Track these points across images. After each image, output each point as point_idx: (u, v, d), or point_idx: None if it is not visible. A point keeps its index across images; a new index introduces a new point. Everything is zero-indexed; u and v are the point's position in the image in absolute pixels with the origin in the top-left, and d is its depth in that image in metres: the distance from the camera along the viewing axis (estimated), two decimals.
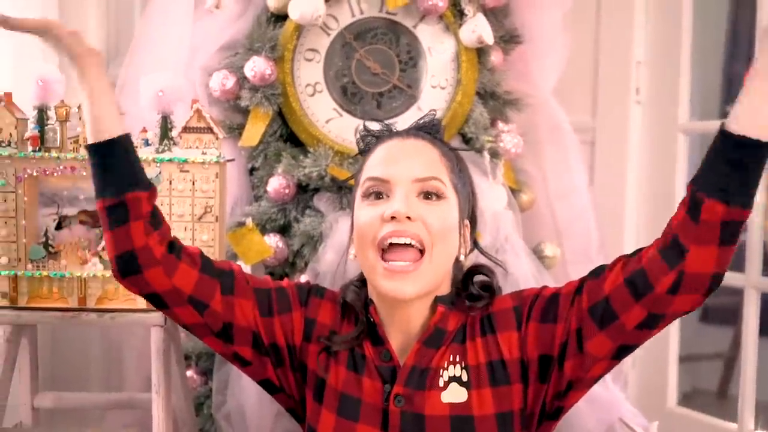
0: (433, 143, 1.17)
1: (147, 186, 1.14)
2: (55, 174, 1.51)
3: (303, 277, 1.80)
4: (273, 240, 1.84)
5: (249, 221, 1.78)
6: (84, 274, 1.53)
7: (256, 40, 1.87)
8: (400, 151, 1.15)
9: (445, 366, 1.12)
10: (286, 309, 1.18)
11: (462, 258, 1.17)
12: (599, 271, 1.08)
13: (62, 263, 1.53)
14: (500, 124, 1.98)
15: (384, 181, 1.12)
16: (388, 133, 1.21)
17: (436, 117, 1.24)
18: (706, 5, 2.85)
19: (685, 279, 1.00)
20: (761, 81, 0.97)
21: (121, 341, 1.99)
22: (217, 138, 1.54)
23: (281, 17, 1.89)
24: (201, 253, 1.18)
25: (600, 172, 2.30)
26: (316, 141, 1.88)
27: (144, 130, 1.56)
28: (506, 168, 1.96)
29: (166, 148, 1.52)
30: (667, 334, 2.25)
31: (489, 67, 1.96)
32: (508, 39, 2.02)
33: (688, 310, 1.03)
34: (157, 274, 1.13)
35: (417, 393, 1.11)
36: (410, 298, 1.10)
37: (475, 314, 1.15)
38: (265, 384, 1.22)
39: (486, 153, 1.90)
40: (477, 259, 1.28)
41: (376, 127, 1.24)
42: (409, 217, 1.08)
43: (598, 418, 1.87)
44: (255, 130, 1.88)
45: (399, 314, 1.14)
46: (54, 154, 1.51)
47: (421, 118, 1.24)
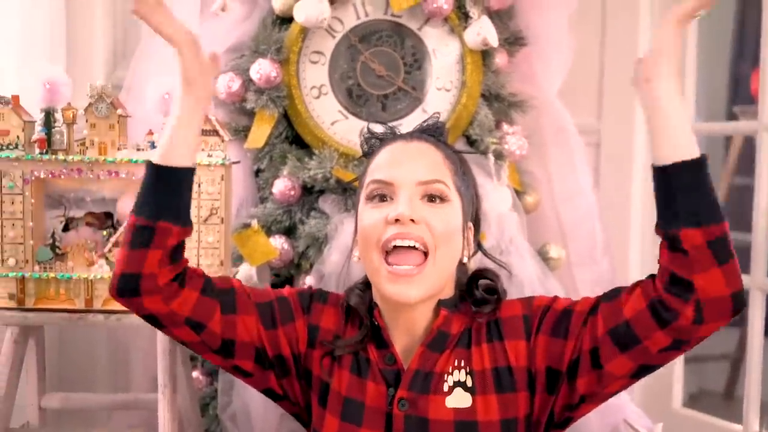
0: (436, 146, 1.17)
1: (184, 222, 1.13)
2: (62, 176, 1.53)
3: (308, 279, 1.81)
4: (278, 241, 1.85)
5: (254, 223, 1.79)
6: (91, 275, 1.54)
7: (261, 43, 1.88)
8: (404, 153, 1.15)
9: (450, 371, 1.11)
10: (288, 319, 1.17)
11: (465, 260, 1.17)
12: (615, 294, 1.07)
13: (69, 265, 1.55)
14: (505, 126, 1.97)
15: (388, 184, 1.12)
16: (391, 136, 1.21)
17: (439, 119, 1.24)
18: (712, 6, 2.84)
19: (705, 307, 0.99)
20: (655, 115, 1.02)
21: (128, 342, 1.99)
22: (222, 140, 1.54)
23: (287, 20, 1.90)
24: (203, 274, 1.16)
25: (605, 174, 2.30)
26: (321, 143, 1.88)
27: (150, 133, 1.57)
28: (511, 170, 1.96)
29: None
30: None
31: (494, 69, 1.96)
32: (513, 41, 2.02)
33: (715, 330, 1.03)
34: (155, 301, 1.12)
35: (421, 397, 1.11)
36: (414, 302, 1.10)
37: (481, 320, 1.14)
38: (268, 392, 1.21)
39: (491, 155, 1.90)
40: (481, 260, 1.28)
41: (379, 129, 1.23)
42: (413, 220, 1.08)
43: (602, 419, 1.86)
44: (260, 132, 1.88)
45: (403, 317, 1.14)
46: (61, 156, 1.52)
47: (425, 120, 1.23)
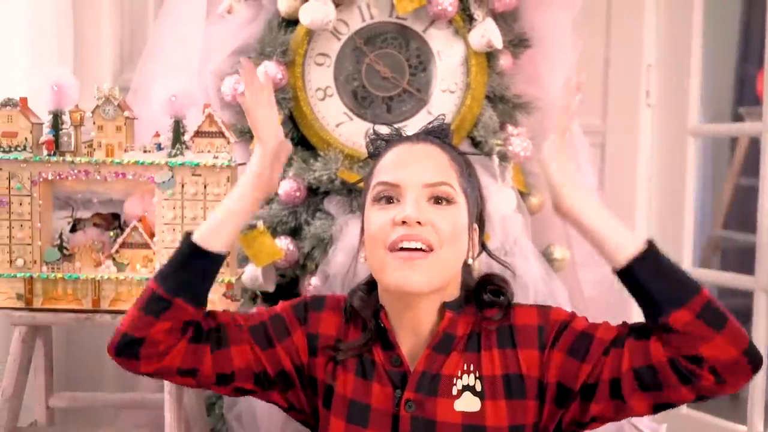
0: (442, 148, 1.17)
1: (200, 306, 1.14)
2: (70, 178, 1.54)
3: (313, 279, 1.82)
4: (284, 242, 1.85)
5: (260, 224, 1.80)
6: (98, 276, 1.55)
7: (267, 45, 1.89)
8: (410, 155, 1.15)
9: (459, 375, 1.12)
10: (285, 334, 1.18)
11: (470, 261, 1.17)
12: (644, 334, 1.06)
13: (76, 265, 1.56)
14: (509, 128, 1.97)
15: (394, 186, 1.12)
16: (397, 137, 1.22)
17: (444, 121, 1.24)
18: (718, 7, 2.84)
19: (722, 371, 1.01)
20: (585, 231, 1.12)
21: None
22: (228, 142, 1.55)
23: (292, 22, 1.90)
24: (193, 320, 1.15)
25: (610, 175, 2.31)
26: (326, 144, 1.89)
27: (157, 135, 1.58)
28: (515, 171, 1.96)
29: (178, 152, 1.54)
30: None
31: (498, 71, 1.97)
32: (518, 43, 2.02)
33: (745, 384, 1.05)
34: (150, 363, 1.13)
35: (428, 399, 1.11)
36: (418, 290, 1.09)
37: (491, 327, 1.14)
38: (273, 403, 1.22)
39: (495, 156, 1.90)
40: (487, 260, 1.29)
41: (385, 130, 1.24)
42: (419, 222, 1.09)
43: None
44: None
45: (408, 318, 1.14)
46: (68, 158, 1.53)
47: (430, 122, 1.24)
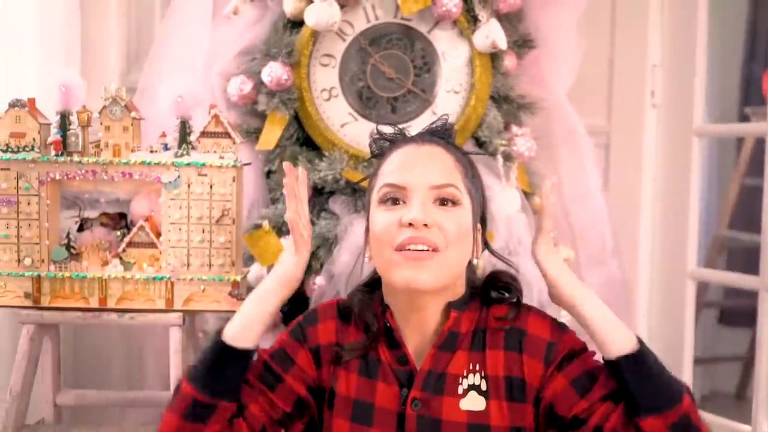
0: (447, 149, 1.18)
1: (237, 398, 1.15)
2: (77, 178, 1.55)
3: (318, 279, 1.82)
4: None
5: (265, 223, 1.81)
6: (105, 275, 1.56)
7: (273, 46, 1.89)
8: (416, 157, 1.16)
9: (465, 374, 1.13)
10: (289, 363, 1.18)
11: (475, 261, 1.18)
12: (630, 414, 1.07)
13: (84, 264, 1.57)
14: (514, 128, 1.98)
15: (401, 188, 1.13)
16: (401, 138, 1.22)
17: (448, 121, 1.25)
18: (723, 7, 2.83)
19: None
20: (584, 322, 1.11)
21: (141, 341, 2.02)
22: (234, 142, 1.57)
23: (298, 23, 1.91)
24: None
25: (615, 175, 2.31)
26: (331, 145, 1.90)
27: (163, 135, 1.59)
28: (520, 171, 1.97)
29: (184, 153, 1.55)
30: (682, 337, 2.26)
31: (503, 72, 1.97)
32: (522, 43, 2.02)
33: None
34: None
35: (434, 398, 1.12)
36: (425, 288, 1.09)
37: (506, 327, 1.14)
38: None
39: (499, 156, 1.91)
40: (490, 259, 1.30)
41: (389, 131, 1.24)
42: (426, 225, 1.09)
43: None
44: (272, 134, 1.90)
45: (414, 318, 1.15)
46: (76, 158, 1.54)
47: (433, 122, 1.24)
